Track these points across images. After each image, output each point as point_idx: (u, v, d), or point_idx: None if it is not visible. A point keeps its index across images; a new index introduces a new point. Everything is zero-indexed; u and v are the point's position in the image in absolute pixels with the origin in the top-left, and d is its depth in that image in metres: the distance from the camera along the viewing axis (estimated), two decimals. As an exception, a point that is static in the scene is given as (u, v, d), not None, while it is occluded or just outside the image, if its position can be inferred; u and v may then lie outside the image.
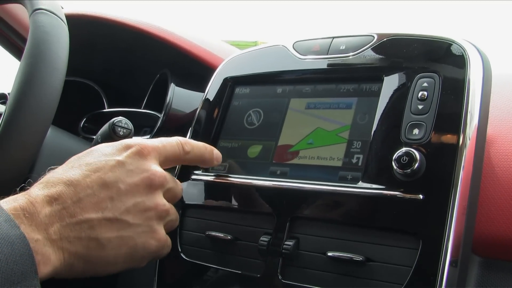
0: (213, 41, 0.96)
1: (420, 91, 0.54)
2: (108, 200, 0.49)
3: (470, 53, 0.53)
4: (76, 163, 0.51)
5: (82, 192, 0.48)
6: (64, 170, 0.50)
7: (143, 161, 0.52)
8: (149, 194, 0.52)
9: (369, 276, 0.50)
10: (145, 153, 0.52)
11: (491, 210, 0.50)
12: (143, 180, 0.51)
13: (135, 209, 0.50)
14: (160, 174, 0.53)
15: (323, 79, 0.63)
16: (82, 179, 0.49)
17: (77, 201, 0.47)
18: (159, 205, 0.52)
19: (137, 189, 0.51)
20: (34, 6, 0.64)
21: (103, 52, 1.07)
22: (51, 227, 0.45)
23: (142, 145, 0.53)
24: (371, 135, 0.55)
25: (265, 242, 0.56)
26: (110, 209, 0.49)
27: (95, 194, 0.48)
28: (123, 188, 0.50)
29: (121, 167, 0.51)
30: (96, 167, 0.50)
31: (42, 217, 0.45)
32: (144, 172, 0.51)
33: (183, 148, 0.57)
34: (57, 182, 0.48)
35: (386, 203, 0.50)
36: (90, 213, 0.48)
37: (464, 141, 0.49)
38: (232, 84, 0.71)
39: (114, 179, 0.50)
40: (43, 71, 0.60)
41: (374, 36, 0.61)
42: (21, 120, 0.59)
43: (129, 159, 0.51)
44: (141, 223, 0.51)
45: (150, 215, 0.51)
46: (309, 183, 0.56)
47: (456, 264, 0.46)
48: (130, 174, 0.51)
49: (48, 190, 0.47)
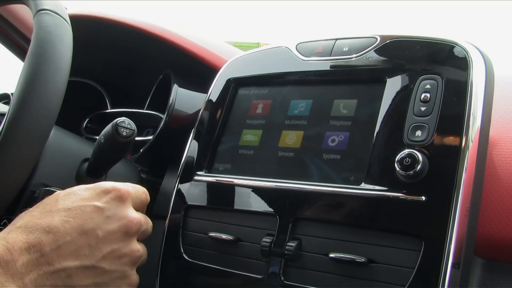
0: (216, 42, 0.96)
1: (423, 93, 0.54)
2: (87, 248, 0.49)
3: (472, 55, 0.53)
4: (54, 207, 0.51)
5: (61, 239, 0.48)
6: (42, 214, 0.50)
7: (121, 207, 0.53)
8: (125, 241, 0.53)
9: (371, 277, 0.50)
10: (123, 198, 0.53)
11: (493, 211, 0.50)
12: (120, 227, 0.52)
13: (111, 256, 0.51)
14: (137, 221, 0.53)
15: (326, 80, 0.63)
16: (61, 225, 0.48)
17: (56, 248, 0.47)
18: (134, 251, 0.53)
19: (115, 236, 0.52)
20: (38, 6, 0.64)
21: (107, 53, 1.07)
22: (27, 276, 0.45)
23: (120, 190, 0.53)
24: (374, 137, 0.55)
25: (267, 243, 0.56)
26: (87, 256, 0.49)
27: (74, 242, 0.49)
28: (101, 236, 0.50)
29: (100, 213, 0.51)
30: (75, 213, 0.50)
31: (19, 266, 0.44)
32: (122, 219, 0.52)
33: (146, 198, 0.58)
34: (35, 227, 0.48)
35: (389, 205, 0.51)
36: (68, 261, 0.48)
37: (466, 143, 0.49)
38: (235, 85, 0.71)
39: (92, 226, 0.50)
40: (47, 71, 0.60)
41: (377, 38, 0.61)
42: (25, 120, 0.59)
43: (108, 204, 0.52)
44: (116, 269, 0.52)
45: (125, 261, 0.53)
46: (311, 184, 0.56)
47: (458, 265, 0.46)
48: (108, 221, 0.51)
49: (26, 236, 0.47)
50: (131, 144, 0.66)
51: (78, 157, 0.73)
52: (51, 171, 0.69)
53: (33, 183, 0.67)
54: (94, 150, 0.69)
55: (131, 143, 0.66)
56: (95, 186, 0.54)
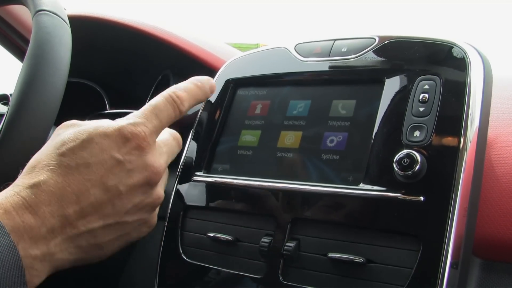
0: (215, 43, 0.96)
1: (421, 94, 0.54)
2: (110, 205, 0.49)
3: (471, 56, 0.54)
4: (72, 161, 0.48)
5: (83, 200, 0.47)
6: (61, 168, 0.47)
7: (142, 156, 0.51)
8: (148, 191, 0.52)
9: (370, 277, 0.50)
10: (144, 145, 0.51)
11: (492, 212, 0.51)
12: (142, 179, 0.51)
13: (134, 209, 0.51)
14: (159, 169, 0.52)
15: (324, 81, 0.64)
16: (83, 185, 0.47)
17: (79, 210, 0.47)
18: (156, 199, 0.53)
19: (136, 189, 0.51)
20: (37, 7, 0.64)
21: (105, 53, 1.07)
22: (52, 241, 0.45)
23: (140, 137, 0.51)
24: (372, 137, 0.55)
25: (266, 243, 0.56)
26: (111, 214, 0.49)
27: (96, 201, 0.48)
28: (124, 191, 0.49)
29: (121, 167, 0.49)
30: (96, 169, 0.48)
31: (44, 232, 0.44)
32: (144, 171, 0.51)
33: (179, 110, 0.56)
34: (57, 187, 0.46)
35: (387, 205, 0.51)
36: (92, 223, 0.47)
37: (465, 143, 0.49)
38: (234, 86, 0.71)
39: (114, 182, 0.49)
40: (46, 72, 0.60)
41: (376, 39, 0.61)
42: (23, 121, 0.59)
43: (128, 156, 0.50)
44: (138, 219, 0.52)
45: (147, 209, 0.53)
46: (310, 184, 0.56)
47: (456, 266, 0.46)
48: (131, 174, 0.50)
49: (49, 198, 0.45)
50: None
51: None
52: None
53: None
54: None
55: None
56: (114, 132, 0.50)
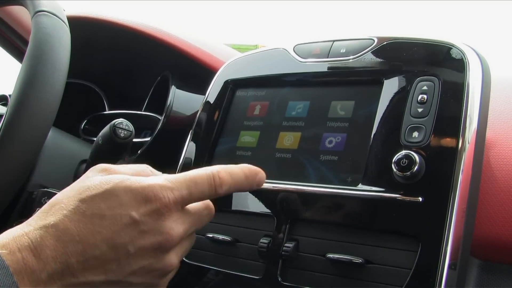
0: (214, 44, 0.96)
1: (420, 95, 0.54)
2: (115, 263, 0.46)
3: (469, 57, 0.54)
4: (89, 209, 0.46)
5: (89, 252, 0.44)
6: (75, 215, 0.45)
7: (159, 221, 0.47)
8: (159, 256, 0.48)
9: (368, 278, 0.50)
10: (165, 211, 0.47)
11: (490, 213, 0.51)
12: (154, 244, 0.47)
13: (141, 271, 0.47)
14: (174, 237, 0.48)
15: (323, 82, 0.64)
16: (92, 236, 0.45)
17: (83, 261, 0.44)
18: (167, 266, 0.49)
19: (147, 253, 0.47)
20: (36, 8, 0.64)
21: (104, 54, 1.07)
22: (51, 287, 0.43)
23: (163, 202, 0.47)
24: (371, 138, 0.55)
25: (265, 244, 0.56)
26: (115, 271, 0.46)
27: (102, 256, 0.45)
28: (132, 251, 0.46)
29: (135, 227, 0.46)
30: (109, 223, 0.45)
31: (44, 276, 0.42)
32: (158, 236, 0.47)
33: (215, 191, 0.50)
34: (65, 233, 0.44)
35: (386, 206, 0.51)
36: (93, 276, 0.45)
37: (463, 144, 0.49)
38: (233, 86, 0.71)
39: (124, 241, 0.46)
40: (45, 73, 0.60)
41: (374, 40, 0.61)
42: (23, 122, 0.59)
43: (145, 217, 0.46)
44: (143, 282, 0.48)
45: (155, 274, 0.49)
46: (309, 185, 0.56)
47: (455, 266, 0.46)
48: (143, 236, 0.46)
49: (55, 242, 0.44)
50: (129, 146, 0.66)
51: (76, 159, 0.73)
52: (49, 172, 0.70)
53: (31, 185, 0.67)
54: (92, 152, 0.69)
55: (129, 144, 0.66)
56: (138, 188, 0.47)
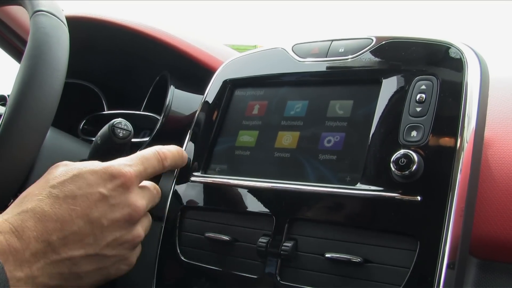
0: (213, 44, 0.96)
1: (418, 94, 0.54)
2: (91, 237, 0.51)
3: (468, 57, 0.54)
4: (60, 192, 0.51)
5: (67, 229, 0.49)
6: (49, 199, 0.50)
7: (126, 194, 0.54)
8: (128, 228, 0.55)
9: (367, 277, 0.50)
10: (129, 184, 0.54)
11: (488, 212, 0.51)
12: (124, 216, 0.54)
13: (114, 243, 0.53)
14: (140, 208, 0.55)
15: (322, 81, 0.64)
16: (68, 214, 0.50)
17: (62, 237, 0.49)
18: (135, 237, 0.56)
19: (118, 225, 0.53)
20: (34, 7, 0.64)
21: (103, 54, 1.07)
22: (35, 265, 0.46)
23: (126, 176, 0.54)
24: (370, 137, 0.55)
25: (263, 243, 0.56)
26: (92, 245, 0.51)
27: (79, 231, 0.50)
28: (106, 224, 0.52)
29: (105, 201, 0.52)
30: (81, 201, 0.51)
31: (28, 255, 0.46)
32: (126, 208, 0.54)
33: (162, 164, 0.60)
34: (44, 215, 0.49)
35: (384, 205, 0.51)
36: (73, 251, 0.50)
37: (461, 143, 0.49)
38: (232, 86, 0.71)
39: (97, 215, 0.52)
40: (43, 73, 0.60)
41: (373, 39, 0.61)
42: (21, 122, 0.59)
43: (113, 192, 0.53)
44: (117, 254, 0.54)
45: (126, 246, 0.55)
46: (307, 184, 0.56)
47: (453, 266, 0.46)
48: (113, 209, 0.53)
49: (35, 224, 0.48)
50: (127, 145, 0.66)
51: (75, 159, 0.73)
52: (48, 172, 0.69)
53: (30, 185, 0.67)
54: (91, 152, 0.69)
55: (128, 144, 0.66)
56: (101, 169, 0.54)
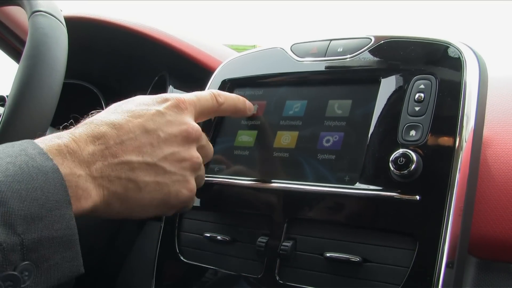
0: (212, 44, 0.96)
1: (417, 93, 0.54)
2: (149, 146, 0.51)
3: (466, 56, 0.54)
4: (118, 109, 0.52)
5: (124, 135, 0.50)
6: (107, 113, 0.52)
7: (181, 114, 0.54)
8: (185, 145, 0.54)
9: (366, 276, 0.50)
10: (183, 107, 0.55)
11: (487, 211, 0.51)
12: (181, 132, 0.53)
13: (172, 157, 0.53)
14: (196, 128, 0.55)
15: (320, 81, 0.64)
16: (125, 123, 0.50)
17: (120, 143, 0.49)
18: (194, 157, 0.54)
19: (175, 139, 0.53)
20: (33, 8, 0.64)
21: (102, 54, 1.07)
22: (93, 165, 0.46)
23: (179, 99, 0.55)
24: (368, 137, 0.55)
25: (262, 243, 0.56)
26: (149, 154, 0.51)
27: (136, 139, 0.50)
28: (163, 136, 0.52)
29: (161, 116, 0.53)
30: (138, 114, 0.52)
31: (85, 154, 0.46)
32: (182, 125, 0.54)
33: (216, 100, 0.60)
34: (100, 123, 0.49)
35: (383, 204, 0.51)
36: (131, 156, 0.49)
37: (460, 142, 0.49)
38: (230, 86, 0.71)
39: (154, 126, 0.52)
40: (42, 73, 0.60)
41: (372, 39, 0.61)
42: (20, 122, 0.59)
43: (168, 110, 0.54)
44: (176, 172, 0.53)
45: (185, 165, 0.54)
46: (306, 184, 0.56)
47: (452, 265, 0.46)
48: (169, 124, 0.53)
49: (91, 130, 0.48)
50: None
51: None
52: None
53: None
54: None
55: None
56: (156, 95, 0.55)
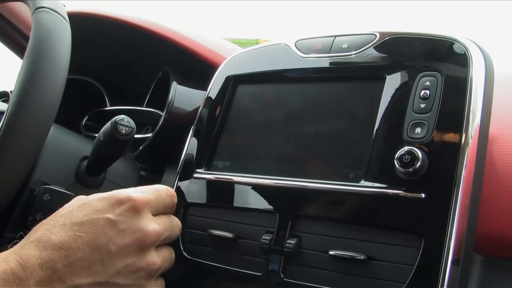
0: (215, 39, 0.96)
1: (423, 90, 0.54)
2: (99, 264, 0.49)
3: (472, 52, 0.53)
4: (67, 219, 0.50)
5: (72, 255, 0.47)
6: (55, 227, 0.49)
7: (135, 219, 0.52)
8: (140, 254, 0.51)
9: (371, 274, 0.50)
10: (138, 209, 0.52)
11: (493, 208, 0.50)
12: (134, 241, 0.51)
13: (126, 270, 0.50)
14: (152, 233, 0.52)
15: (325, 77, 0.63)
16: (73, 241, 0.48)
17: (68, 265, 0.47)
18: (150, 265, 0.52)
19: (128, 251, 0.50)
20: (36, 4, 0.64)
21: (105, 50, 1.07)
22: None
23: (135, 201, 0.52)
24: (374, 134, 0.55)
25: (267, 240, 0.56)
26: (100, 273, 0.49)
27: (86, 258, 0.48)
28: (114, 250, 0.49)
29: (113, 226, 0.50)
30: (88, 227, 0.49)
31: (32, 283, 0.44)
32: (136, 232, 0.51)
33: (171, 199, 0.58)
34: (48, 243, 0.47)
35: (388, 202, 0.50)
36: (80, 278, 0.47)
37: (466, 140, 0.49)
38: (234, 82, 0.71)
39: (105, 240, 0.49)
40: (46, 69, 0.60)
41: (376, 35, 0.61)
42: (24, 118, 0.59)
43: (121, 217, 0.51)
44: (131, 283, 0.51)
45: (140, 274, 0.52)
46: (311, 181, 0.56)
47: (458, 263, 0.46)
48: (122, 234, 0.50)
49: (39, 252, 0.46)
50: (130, 142, 0.66)
51: (78, 155, 0.73)
52: (51, 169, 0.70)
53: (33, 181, 0.67)
54: (94, 148, 0.69)
55: (130, 141, 0.66)
56: (110, 195, 0.52)
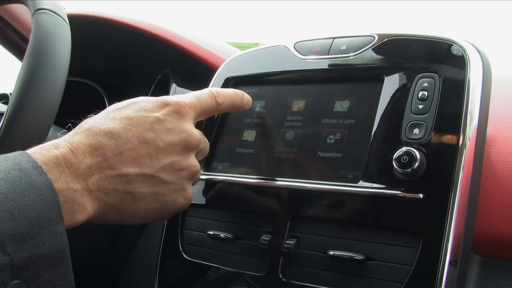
0: (215, 42, 0.96)
1: (421, 91, 0.54)
2: (147, 157, 0.50)
3: (470, 54, 0.54)
4: (117, 114, 0.51)
5: (122, 146, 0.49)
6: (105, 119, 0.50)
7: (180, 121, 0.53)
8: (184, 154, 0.53)
9: (369, 274, 0.50)
10: (183, 112, 0.54)
11: (491, 209, 0.51)
12: (180, 141, 0.53)
13: (170, 167, 0.52)
14: (196, 136, 0.54)
15: (324, 79, 0.64)
16: (123, 132, 0.49)
17: (118, 154, 0.48)
18: (192, 166, 0.54)
19: (174, 149, 0.52)
20: (36, 6, 0.64)
21: (105, 52, 1.07)
22: (90, 178, 0.46)
23: (180, 104, 0.54)
24: (372, 135, 0.55)
25: (266, 241, 0.56)
26: (147, 165, 0.50)
27: (135, 149, 0.49)
28: (161, 146, 0.51)
29: (161, 124, 0.52)
30: (137, 121, 0.51)
31: (83, 167, 0.46)
32: (182, 133, 0.53)
33: (216, 100, 0.59)
34: (98, 132, 0.48)
35: (387, 202, 0.51)
36: (129, 168, 0.49)
37: (464, 141, 0.49)
38: (234, 84, 0.71)
39: (153, 136, 0.51)
40: (45, 71, 0.60)
41: (375, 37, 0.61)
42: (23, 120, 0.59)
43: (168, 117, 0.52)
44: (174, 181, 0.53)
45: (183, 174, 0.53)
46: (310, 182, 0.56)
47: (456, 263, 0.46)
48: (169, 133, 0.52)
49: (89, 139, 0.47)
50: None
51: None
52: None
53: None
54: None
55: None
56: (157, 98, 0.54)
